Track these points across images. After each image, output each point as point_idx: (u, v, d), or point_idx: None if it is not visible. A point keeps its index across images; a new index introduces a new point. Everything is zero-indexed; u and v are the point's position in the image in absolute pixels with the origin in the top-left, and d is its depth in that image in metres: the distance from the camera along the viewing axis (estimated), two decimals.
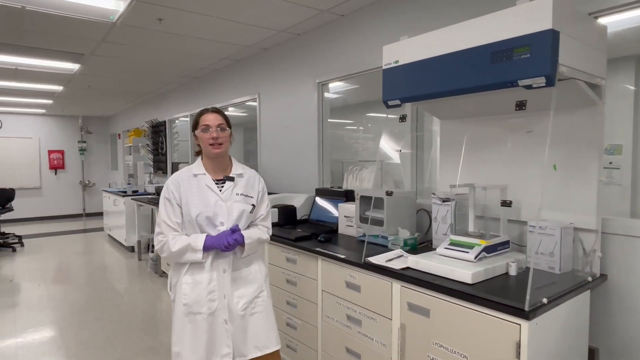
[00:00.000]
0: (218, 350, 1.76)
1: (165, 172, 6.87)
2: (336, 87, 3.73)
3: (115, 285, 4.71)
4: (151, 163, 7.32)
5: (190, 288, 1.76)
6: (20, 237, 7.12)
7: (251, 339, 1.83)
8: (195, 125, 1.84)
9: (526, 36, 1.53)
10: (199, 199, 1.77)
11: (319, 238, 2.61)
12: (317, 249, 2.38)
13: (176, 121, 6.67)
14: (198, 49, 4.16)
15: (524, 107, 1.62)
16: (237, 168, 1.91)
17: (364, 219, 2.60)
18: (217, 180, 1.83)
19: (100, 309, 3.97)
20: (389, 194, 2.28)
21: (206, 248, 1.72)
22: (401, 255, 2.11)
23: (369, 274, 2.04)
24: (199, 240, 1.72)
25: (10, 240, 6.90)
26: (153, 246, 5.36)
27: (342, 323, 2.23)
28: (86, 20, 3.29)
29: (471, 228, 2.10)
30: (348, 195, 3.05)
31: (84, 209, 10.48)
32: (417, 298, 1.80)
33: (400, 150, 2.46)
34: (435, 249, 2.23)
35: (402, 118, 2.13)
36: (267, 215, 1.98)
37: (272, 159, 4.19)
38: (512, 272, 1.81)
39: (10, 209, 7.03)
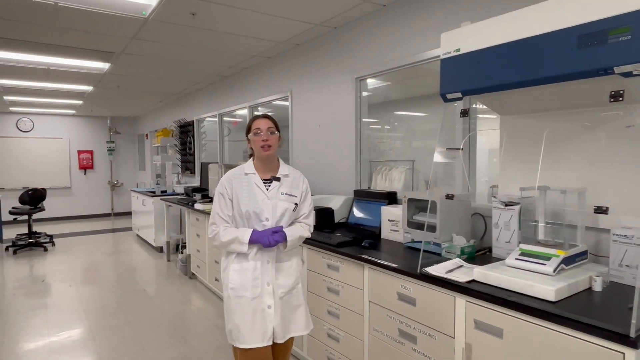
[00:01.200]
0: (262, 331, 1.92)
1: (193, 172, 6.81)
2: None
3: (146, 288, 4.64)
4: (179, 163, 7.28)
5: (237, 274, 1.94)
6: (51, 237, 7.20)
7: (289, 323, 2.00)
8: (248, 129, 2.01)
9: (625, 15, 1.31)
10: (248, 196, 1.95)
11: (362, 244, 2.43)
12: (363, 256, 2.20)
13: (204, 121, 6.60)
14: (229, 45, 4.04)
15: (621, 99, 1.40)
16: (283, 169, 2.07)
17: (412, 224, 2.40)
18: (265, 179, 2.00)
19: (131, 312, 3.90)
20: (449, 197, 2.07)
21: (251, 242, 1.91)
22: (461, 266, 1.91)
23: (426, 285, 1.84)
24: (246, 235, 1.90)
25: (42, 240, 6.97)
26: (183, 247, 5.29)
27: (393, 338, 2.04)
28: (118, 16, 3.20)
29: (541, 236, 1.88)
30: (390, 198, 2.86)
31: (112, 209, 10.59)
32: (487, 316, 1.59)
33: (462, 149, 2.24)
34: (495, 258, 2.04)
35: (464, 113, 1.92)
36: (309, 214, 2.11)
37: (304, 159, 4.03)
38: (597, 287, 1.58)
39: (42, 209, 7.11)
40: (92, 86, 6.19)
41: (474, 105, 2.51)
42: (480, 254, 2.18)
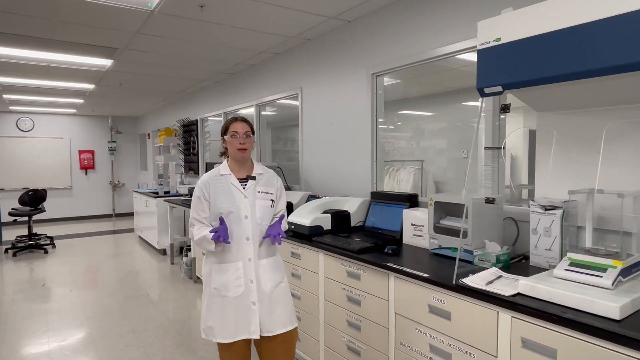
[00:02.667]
0: (246, 327, 1.94)
1: (197, 173, 6.65)
2: None
3: (149, 292, 4.48)
4: (182, 163, 7.12)
5: (219, 275, 1.97)
6: (52, 238, 7.04)
7: (276, 318, 2.00)
8: (224, 131, 2.04)
9: None
10: (225, 196, 1.99)
11: (385, 250, 2.26)
12: (389, 264, 2.04)
13: (208, 120, 6.44)
14: (237, 40, 3.87)
15: None
16: (257, 169, 2.11)
17: (438, 229, 2.24)
18: (241, 179, 2.04)
19: (135, 319, 3.73)
20: (490, 201, 1.90)
21: (214, 237, 1.87)
22: (500, 276, 1.74)
23: (463, 298, 1.68)
24: (209, 233, 1.88)
25: (42, 242, 6.81)
26: (187, 250, 5.13)
27: (423, 354, 1.88)
28: (122, 8, 3.03)
29: (589, 243, 1.72)
30: (412, 200, 2.69)
31: (113, 210, 10.43)
32: (538, 334, 1.43)
33: (503, 148, 2.06)
34: (534, 267, 1.88)
35: (505, 108, 1.75)
36: (283, 209, 2.17)
37: (315, 159, 3.86)
38: None
39: (42, 210, 6.95)
40: (94, 84, 6.03)
41: (483, 104, 2.36)
42: (515, 262, 2.01)
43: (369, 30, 3.16)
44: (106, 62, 4.70)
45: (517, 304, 1.47)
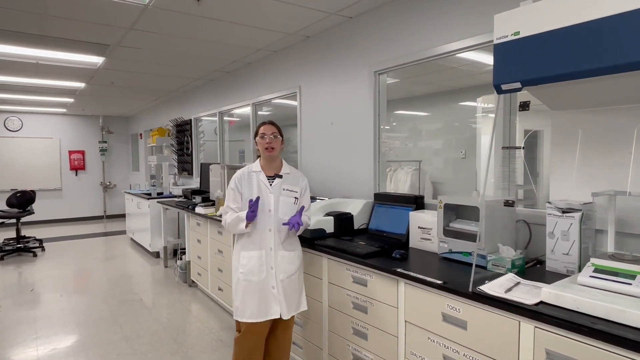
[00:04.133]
0: (268, 309, 2.22)
1: (190, 174, 6.51)
2: None
3: (142, 297, 4.34)
4: (175, 164, 6.98)
5: (246, 261, 2.24)
6: (41, 241, 6.85)
7: (291, 303, 2.27)
8: (255, 133, 2.34)
9: None
10: (254, 189, 2.27)
11: (393, 254, 2.17)
12: (398, 269, 1.94)
13: (202, 119, 6.31)
14: (234, 37, 3.76)
15: None
16: (285, 168, 2.38)
17: (448, 232, 2.15)
18: (269, 176, 2.31)
19: (127, 326, 3.60)
20: (509, 203, 1.82)
21: (247, 217, 2.16)
22: (518, 283, 1.65)
23: (480, 307, 1.59)
24: (242, 213, 2.19)
25: (31, 245, 6.63)
26: (182, 253, 4.99)
27: None
28: (116, 2, 2.91)
29: (611, 248, 1.64)
30: (418, 202, 2.60)
31: (104, 211, 10.23)
32: (564, 346, 1.34)
33: (523, 148, 1.98)
34: (550, 272, 1.80)
35: (524, 106, 1.67)
36: (309, 207, 2.41)
37: (315, 159, 3.76)
38: None
39: (31, 212, 6.77)
40: (85, 83, 5.87)
41: (482, 105, 2.29)
42: (529, 267, 1.93)
43: (372, 26, 3.07)
44: (98, 60, 4.56)
45: (542, 314, 1.38)
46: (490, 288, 1.59)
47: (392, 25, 2.91)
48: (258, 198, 2.17)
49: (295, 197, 2.30)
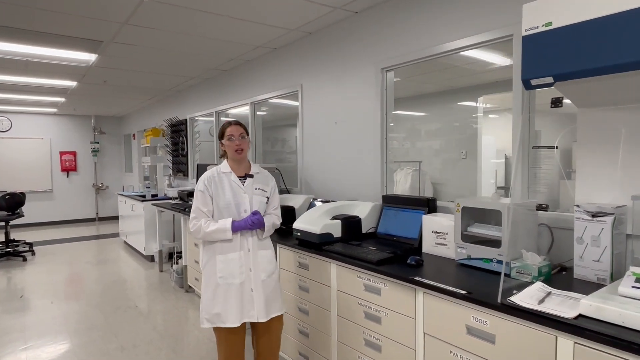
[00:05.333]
0: (247, 312, 2.15)
1: (186, 175, 6.35)
2: None
3: (137, 303, 4.18)
4: (170, 165, 6.81)
5: (224, 265, 2.15)
6: (31, 245, 6.64)
7: (268, 305, 2.20)
8: (221, 135, 2.26)
9: None
10: (227, 191, 2.20)
11: (408, 261, 2.05)
12: (416, 277, 1.82)
13: (197, 119, 6.15)
14: (233, 33, 3.62)
15: None
16: (254, 168, 2.33)
17: (466, 237, 2.03)
18: (240, 177, 2.25)
19: (122, 334, 3.44)
20: (542, 207, 1.70)
21: (234, 229, 2.14)
22: (549, 293, 1.54)
23: (511, 319, 1.47)
24: (227, 223, 2.14)
25: (20, 249, 6.42)
26: (178, 257, 4.83)
27: None
28: None
29: None
30: (430, 205, 2.48)
31: (97, 213, 10.01)
32: None
33: (556, 147, 1.86)
34: (579, 280, 1.68)
35: (557, 102, 1.55)
36: (278, 206, 2.38)
37: (317, 160, 3.63)
38: None
39: (21, 215, 6.56)
40: (76, 81, 5.69)
41: (482, 104, 2.18)
42: (554, 274, 1.82)
43: (379, 21, 2.95)
44: (90, 57, 4.39)
45: (584, 329, 1.26)
46: (522, 299, 1.47)
47: (400, 20, 2.79)
48: (257, 214, 2.17)
49: (267, 197, 2.29)
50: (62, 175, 9.66)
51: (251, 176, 2.27)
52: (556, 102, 1.56)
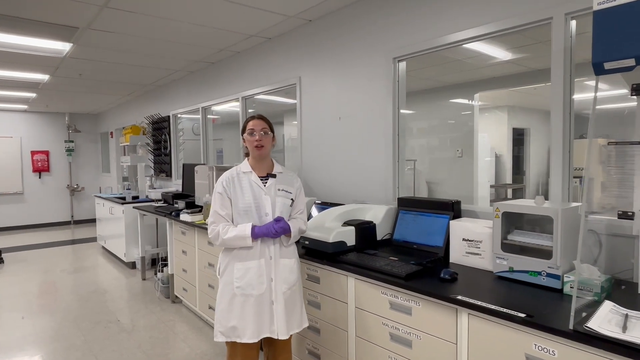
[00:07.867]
0: (267, 326, 1.95)
1: (169, 175, 5.96)
2: None
3: (119, 317, 3.81)
4: (152, 165, 6.41)
5: (242, 273, 1.96)
6: (0, 252, 6.15)
7: (289, 320, 2.00)
8: (243, 129, 2.09)
9: None
10: (247, 193, 2.01)
11: (442, 275, 1.79)
12: (459, 297, 1.56)
13: (180, 116, 5.77)
14: (225, 20, 3.30)
15: None
16: (277, 167, 2.13)
17: (506, 246, 1.79)
18: (261, 177, 2.06)
19: (104, 354, 3.08)
20: (627, 215, 1.46)
21: (255, 236, 1.93)
22: (626, 315, 1.30)
23: (586, 349, 1.22)
24: (247, 229, 1.93)
25: None
26: (163, 265, 4.47)
27: None
28: None
29: None
30: (455, 208, 2.23)
31: (72, 216, 9.46)
32: None
33: (610, 144, 1.60)
34: None
35: (638, 89, 1.31)
36: (304, 209, 2.16)
37: (318, 159, 3.35)
38: None
39: None
40: (49, 74, 5.24)
41: (474, 102, 1.96)
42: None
43: (390, 6, 2.68)
44: (64, 47, 3.99)
45: None
46: (600, 325, 1.23)
47: (415, 4, 2.53)
48: (282, 220, 1.96)
49: (292, 199, 2.08)
50: (33, 176, 9.08)
51: (274, 176, 2.07)
52: (637, 89, 1.33)
